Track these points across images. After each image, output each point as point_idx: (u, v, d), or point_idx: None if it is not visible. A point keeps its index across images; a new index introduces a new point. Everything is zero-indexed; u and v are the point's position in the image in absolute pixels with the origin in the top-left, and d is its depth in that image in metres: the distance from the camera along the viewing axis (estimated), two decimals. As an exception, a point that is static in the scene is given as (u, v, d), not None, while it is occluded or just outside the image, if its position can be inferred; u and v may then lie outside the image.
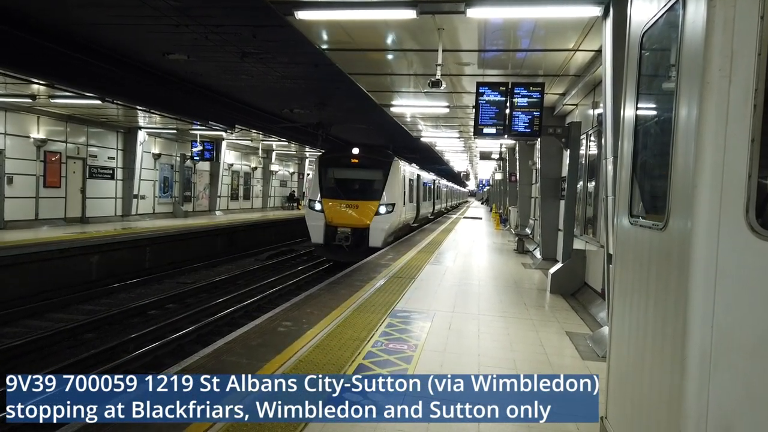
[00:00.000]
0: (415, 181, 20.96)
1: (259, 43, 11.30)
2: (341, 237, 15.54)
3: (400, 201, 16.64)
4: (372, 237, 15.54)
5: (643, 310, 2.97)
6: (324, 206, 16.02)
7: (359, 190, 16.65)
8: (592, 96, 9.63)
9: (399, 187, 16.76)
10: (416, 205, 21.65)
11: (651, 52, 3.34)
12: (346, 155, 17.11)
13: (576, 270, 9.31)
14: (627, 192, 3.37)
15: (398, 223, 16.66)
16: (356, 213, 15.83)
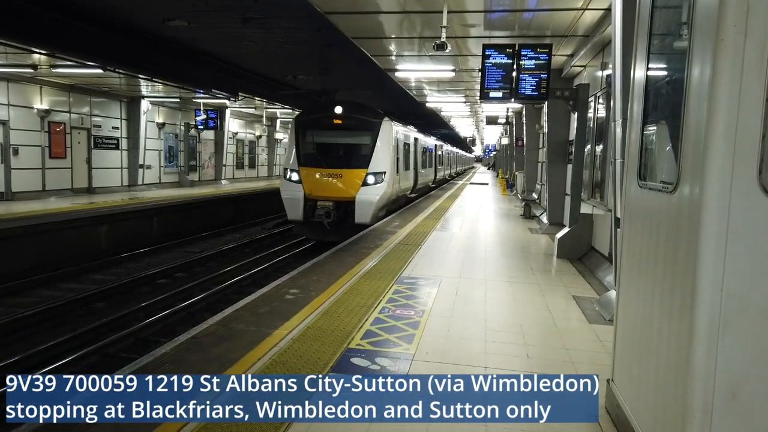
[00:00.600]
0: (411, 146, 18.69)
1: (261, 7, 11.06)
2: (321, 212, 13.30)
3: (391, 168, 14.32)
4: (359, 211, 13.35)
5: (651, 274, 2.96)
6: (302, 176, 13.80)
7: (343, 157, 14.37)
8: (600, 57, 9.42)
9: (390, 153, 14.42)
10: (414, 172, 19.49)
11: (662, 9, 3.23)
12: (326, 116, 14.45)
13: (583, 234, 9.27)
14: (636, 155, 3.31)
15: (390, 194, 14.38)
16: (340, 183, 13.64)
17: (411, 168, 18.69)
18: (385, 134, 14.23)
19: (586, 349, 4.93)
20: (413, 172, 19.40)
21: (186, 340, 4.73)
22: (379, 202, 13.68)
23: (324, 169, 13.80)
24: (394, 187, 14.84)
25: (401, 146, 16.17)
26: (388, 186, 14.03)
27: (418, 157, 20.45)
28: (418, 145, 20.30)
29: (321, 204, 13.47)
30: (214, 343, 4.68)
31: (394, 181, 14.66)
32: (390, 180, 14.13)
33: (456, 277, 7.57)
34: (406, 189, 17.73)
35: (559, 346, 4.98)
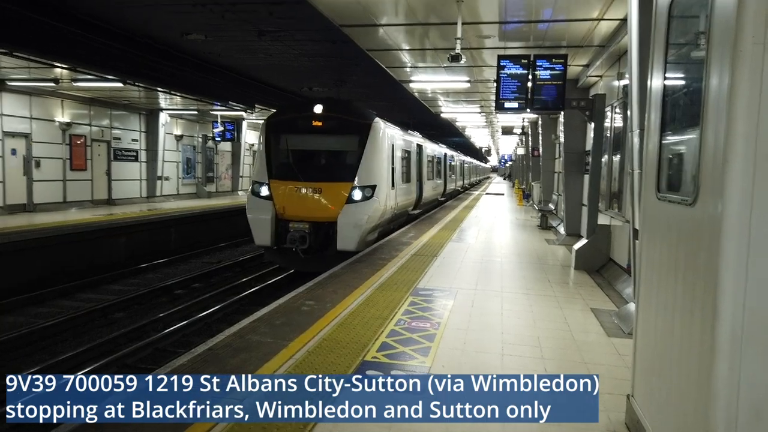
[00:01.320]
0: (413, 154, 16.05)
1: (276, 20, 11.20)
2: (295, 236, 10.76)
3: (385, 181, 11.76)
4: (341, 235, 10.75)
5: (671, 288, 2.91)
6: (272, 191, 11.22)
7: (323, 167, 11.85)
8: (617, 67, 9.36)
9: (383, 162, 11.79)
10: (417, 185, 16.75)
11: (679, 19, 3.20)
12: (303, 116, 11.77)
13: (601, 246, 9.17)
14: (654, 166, 3.27)
15: (383, 212, 11.70)
16: (319, 200, 11.05)
17: (413, 180, 15.97)
18: (376, 139, 11.55)
19: (605, 363, 4.85)
20: (416, 185, 16.63)
21: (203, 352, 4.75)
22: (368, 223, 10.97)
23: (299, 182, 11.14)
24: (389, 203, 12.17)
25: (399, 154, 13.55)
26: (380, 203, 11.37)
27: (423, 167, 17.78)
28: (423, 154, 17.84)
29: (294, 226, 10.85)
30: (231, 355, 4.69)
31: (388, 197, 12.00)
32: (383, 196, 11.52)
33: (472, 288, 7.52)
34: (407, 205, 15.09)
35: (578, 359, 4.91)
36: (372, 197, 11.10)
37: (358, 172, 11.17)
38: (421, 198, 17.48)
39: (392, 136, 12.94)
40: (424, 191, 17.82)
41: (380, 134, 11.75)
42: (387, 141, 12.18)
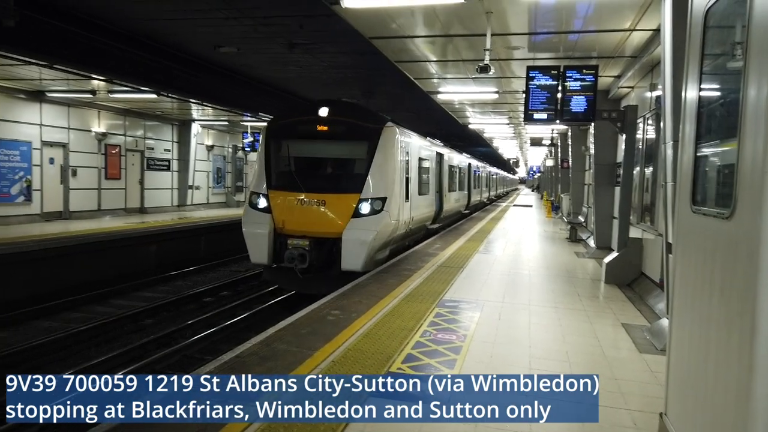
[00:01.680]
0: (433, 163, 14.90)
1: (307, 33, 11.36)
2: (293, 254, 9.70)
3: (397, 193, 10.63)
4: (346, 253, 9.67)
5: (706, 303, 2.82)
6: (271, 203, 10.21)
7: (328, 177, 10.91)
8: (649, 78, 9.21)
9: (395, 171, 10.66)
10: (436, 197, 15.56)
11: (715, 29, 3.13)
12: (306, 120, 10.83)
13: (632, 259, 8.98)
14: (689, 178, 3.19)
15: (394, 228, 10.60)
16: (322, 214, 10.00)
17: (431, 192, 14.69)
18: (387, 146, 10.47)
19: (636, 379, 4.73)
20: (435, 198, 15.48)
21: (230, 359, 4.79)
22: (377, 240, 9.82)
23: (301, 193, 10.08)
24: (402, 218, 11.06)
25: (415, 163, 12.44)
26: (391, 217, 10.29)
27: (443, 177, 16.61)
28: (443, 163, 16.65)
29: (293, 243, 9.81)
30: (257, 363, 4.72)
31: (401, 211, 10.89)
32: (394, 209, 10.42)
33: (499, 301, 7.43)
34: (424, 219, 14.00)
35: (608, 375, 4.79)
36: (382, 211, 9.97)
37: (367, 182, 10.04)
38: (441, 211, 16.41)
39: (407, 144, 11.75)
40: (444, 204, 16.69)
41: (392, 141, 10.62)
42: (400, 148, 11.02)
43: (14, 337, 8.89)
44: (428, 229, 14.93)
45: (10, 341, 8.60)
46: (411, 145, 12.16)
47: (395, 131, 10.82)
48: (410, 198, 11.72)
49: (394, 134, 10.73)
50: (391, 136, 10.62)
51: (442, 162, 16.46)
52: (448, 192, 17.64)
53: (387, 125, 10.65)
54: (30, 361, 7.80)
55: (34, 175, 15.51)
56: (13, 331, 9.25)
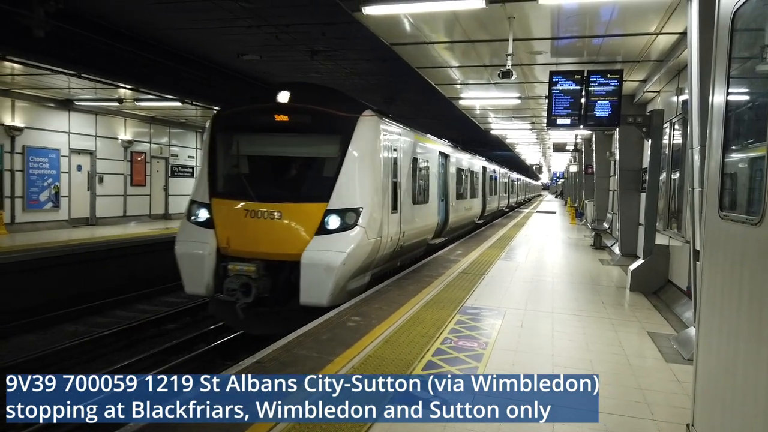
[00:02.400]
0: (434, 165, 12.52)
1: (328, 40, 11.46)
2: (230, 286, 7.54)
3: (379, 202, 8.35)
4: (306, 283, 7.40)
5: (735, 311, 2.74)
6: (215, 215, 8.02)
7: (288, 182, 8.46)
8: (675, 82, 9.05)
9: (377, 174, 8.40)
10: (441, 207, 13.30)
11: (743, 32, 3.06)
12: (261, 109, 8.50)
13: (658, 266, 8.80)
14: (716, 183, 3.11)
15: (374, 247, 8.21)
16: (277, 229, 7.75)
17: (432, 200, 12.31)
18: (366, 141, 8.21)
19: (663, 390, 4.62)
20: (439, 207, 13.03)
21: (251, 365, 4.81)
22: (348, 264, 7.51)
23: (252, 202, 7.82)
24: (388, 232, 8.69)
25: (407, 164, 10.14)
26: (370, 233, 7.92)
27: (449, 183, 14.26)
28: (449, 166, 14.31)
29: (234, 268, 7.54)
30: (278, 369, 4.73)
31: (385, 224, 8.51)
32: (375, 222, 8.10)
33: (521, 308, 7.34)
34: (423, 233, 11.47)
35: (633, 385, 4.69)
36: (355, 225, 7.69)
37: (337, 188, 7.76)
38: (447, 223, 14.04)
39: (396, 139, 9.37)
40: (451, 214, 14.27)
41: (373, 134, 8.34)
42: (385, 144, 8.77)
43: (50, 338, 9.08)
44: (429, 244, 12.50)
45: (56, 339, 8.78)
46: (402, 141, 9.74)
47: (377, 122, 8.45)
48: (400, 208, 9.41)
49: (375, 126, 8.37)
50: (370, 128, 8.27)
51: (448, 164, 14.22)
52: (456, 200, 15.27)
53: (365, 114, 8.27)
54: (59, 363, 7.95)
55: (62, 181, 15.85)
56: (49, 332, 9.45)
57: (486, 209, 21.74)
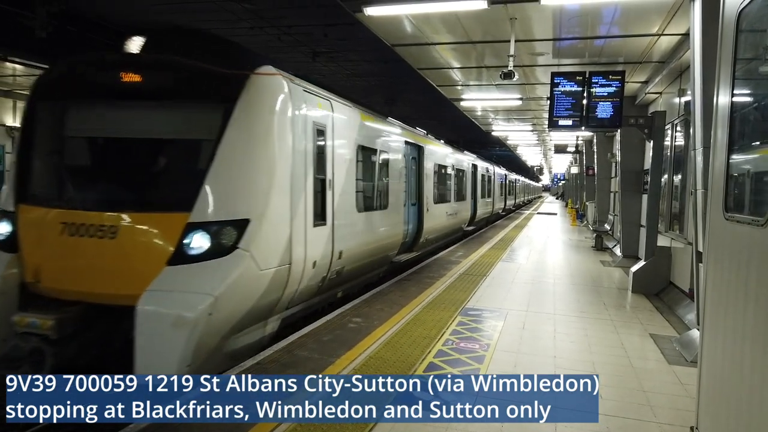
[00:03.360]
0: (393, 158, 9.54)
1: (330, 42, 11.47)
2: (15, 352, 4.86)
3: (281, 210, 5.64)
4: (144, 346, 4.51)
5: (741, 313, 2.72)
6: (21, 230, 5.33)
7: (130, 180, 5.59)
8: (678, 83, 9.04)
9: (278, 166, 5.59)
10: (410, 213, 10.83)
11: (748, 33, 3.05)
12: (101, 63, 5.75)
13: (660, 268, 8.78)
14: (721, 185, 3.09)
15: (279, 281, 5.59)
16: (107, 254, 5.03)
17: (395, 206, 9.62)
18: (259, 114, 5.53)
19: (665, 392, 4.60)
20: (405, 214, 10.32)
21: (250, 366, 4.80)
22: (220, 315, 4.85)
23: (75, 211, 5.23)
24: (303, 256, 6.04)
25: (346, 154, 7.44)
26: (260, 259, 5.28)
27: (424, 183, 11.61)
28: (424, 161, 11.61)
29: (21, 321, 4.97)
30: (278, 371, 4.71)
31: (293, 245, 5.80)
32: (271, 242, 5.49)
33: (523, 310, 7.32)
34: (381, 250, 8.94)
35: (636, 387, 4.67)
36: (234, 248, 5.05)
37: (206, 188, 5.09)
38: (420, 233, 11.32)
39: (321, 117, 6.53)
40: (426, 222, 11.52)
41: (274, 104, 5.58)
42: (299, 121, 5.92)
43: None
44: (392, 262, 9.94)
45: None
46: (336, 120, 6.94)
47: (281, 86, 5.63)
48: (333, 218, 6.78)
49: (277, 91, 5.60)
50: (270, 94, 5.54)
51: (423, 159, 11.51)
52: (435, 204, 12.54)
53: (261, 72, 5.53)
54: None
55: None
56: None
57: (477, 214, 19.35)
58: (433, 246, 13.05)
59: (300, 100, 6.05)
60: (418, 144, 11.48)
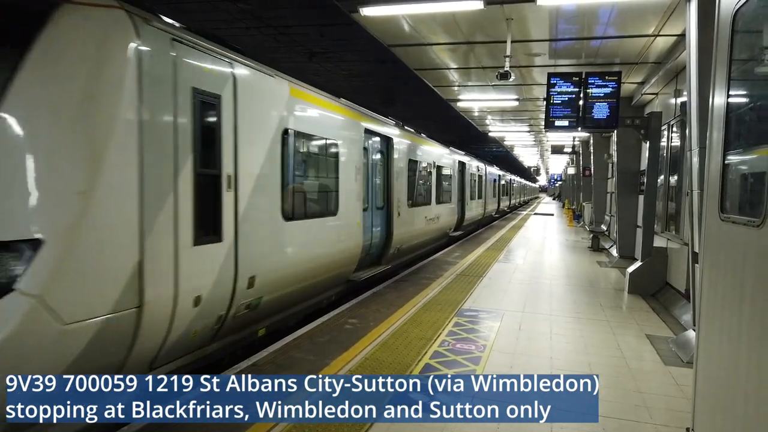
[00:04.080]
0: (342, 148, 7.73)
1: (327, 42, 11.44)
2: None
3: (117, 215, 3.74)
4: None
5: (737, 314, 2.72)
6: None
7: None
8: (674, 84, 9.05)
9: (118, 147, 3.73)
10: (380, 217, 9.49)
11: (744, 33, 3.04)
12: None
13: (656, 269, 8.79)
14: (717, 186, 3.09)
15: (121, 335, 3.82)
16: None
17: (347, 209, 7.80)
18: (71, 64, 3.59)
19: (662, 393, 4.59)
20: (365, 220, 8.54)
21: (245, 368, 4.78)
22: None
23: None
24: (174, 290, 4.23)
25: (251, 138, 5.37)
26: (61, 303, 3.36)
27: (395, 180, 9.87)
28: (392, 155, 9.78)
29: None
30: (273, 372, 4.69)
31: (156, 275, 4.04)
32: (98, 273, 3.63)
33: (519, 311, 7.31)
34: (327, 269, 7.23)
35: (632, 388, 4.66)
36: (9, 291, 3.22)
37: None
38: (389, 243, 9.57)
39: (205, 80, 4.71)
40: (396, 229, 9.77)
41: (95, 50, 3.71)
42: (150, 80, 4.03)
43: None
44: (352, 281, 8.32)
45: None
46: (232, 88, 5.03)
47: (118, 24, 3.86)
48: (233, 231, 5.01)
49: (108, 32, 3.82)
50: (92, 36, 3.73)
51: (391, 153, 9.75)
52: (409, 207, 10.50)
53: (81, 1, 3.72)
54: None
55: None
56: None
57: (466, 217, 17.47)
58: (412, 256, 11.26)
59: (164, 53, 4.16)
60: (385, 135, 9.41)
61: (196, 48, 4.58)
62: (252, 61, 5.55)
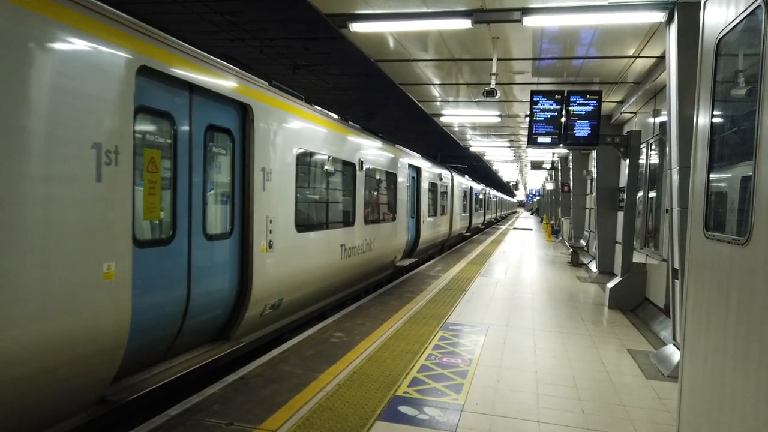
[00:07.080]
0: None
1: (311, 55, 11.50)
2: None
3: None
4: None
5: (722, 330, 2.80)
6: None
7: None
8: (652, 104, 9.29)
9: None
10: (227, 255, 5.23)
11: (728, 58, 3.17)
12: None
13: (636, 284, 8.95)
14: (702, 204, 3.19)
15: None
16: None
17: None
18: None
19: (644, 406, 4.67)
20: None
21: (234, 381, 4.73)
22: None
23: None
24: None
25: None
26: None
27: (259, 190, 5.61)
28: (253, 139, 5.47)
29: None
30: (262, 385, 4.66)
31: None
32: None
33: (503, 325, 7.38)
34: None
35: (616, 402, 4.74)
36: None
37: None
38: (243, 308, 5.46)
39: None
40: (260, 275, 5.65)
41: None
42: None
43: None
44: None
45: None
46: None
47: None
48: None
49: None
50: None
51: (251, 138, 5.56)
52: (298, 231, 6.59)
53: None
54: None
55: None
56: None
57: (421, 239, 13.73)
58: (298, 315, 7.12)
59: None
60: (239, 100, 5.28)
61: None
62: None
